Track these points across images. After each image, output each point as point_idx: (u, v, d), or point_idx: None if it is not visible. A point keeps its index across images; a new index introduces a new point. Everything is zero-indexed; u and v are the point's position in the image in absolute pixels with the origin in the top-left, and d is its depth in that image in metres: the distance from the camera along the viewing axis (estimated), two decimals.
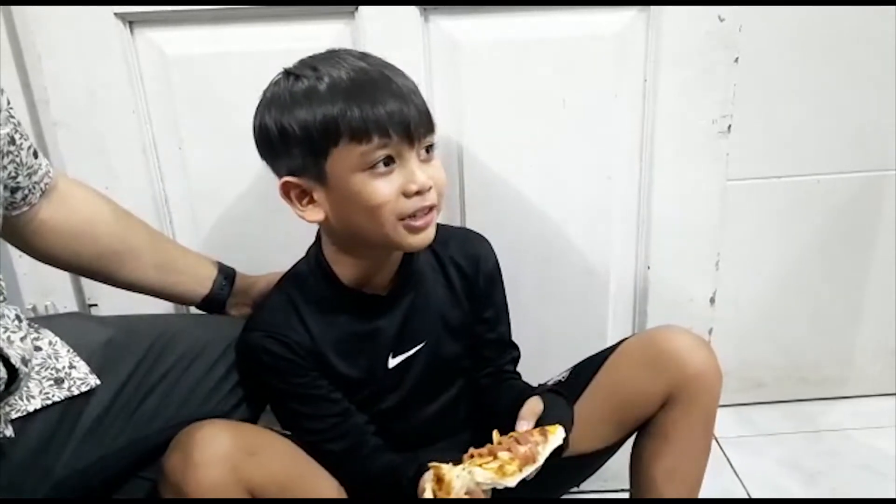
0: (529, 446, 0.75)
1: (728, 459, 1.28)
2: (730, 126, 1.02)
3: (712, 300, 1.12)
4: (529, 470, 0.74)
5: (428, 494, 0.74)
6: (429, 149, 0.79)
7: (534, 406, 0.82)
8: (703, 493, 0.93)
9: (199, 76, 0.97)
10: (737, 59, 0.99)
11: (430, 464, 0.75)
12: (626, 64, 1.00)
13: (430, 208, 0.79)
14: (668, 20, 0.97)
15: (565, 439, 0.77)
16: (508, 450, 0.75)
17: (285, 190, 0.79)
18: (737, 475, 1.25)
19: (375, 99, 0.74)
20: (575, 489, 1.03)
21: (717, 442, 1.33)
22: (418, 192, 0.77)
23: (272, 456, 0.79)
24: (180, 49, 0.96)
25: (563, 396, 0.86)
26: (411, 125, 0.76)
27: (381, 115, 0.74)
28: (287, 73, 0.78)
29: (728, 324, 1.29)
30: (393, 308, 0.88)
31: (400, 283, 0.87)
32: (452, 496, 0.71)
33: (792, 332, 1.38)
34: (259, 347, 0.82)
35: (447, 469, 0.73)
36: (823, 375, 1.41)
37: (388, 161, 0.76)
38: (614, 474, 1.07)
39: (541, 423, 0.80)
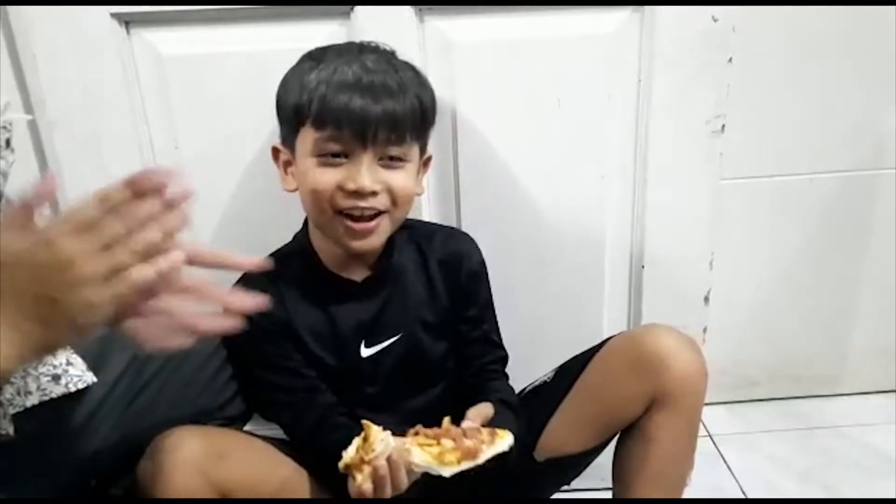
0: (474, 442, 0.76)
1: (722, 456, 1.29)
2: (723, 126, 1.02)
3: (706, 299, 1.13)
4: (467, 465, 0.74)
5: (350, 451, 0.74)
6: (393, 158, 0.81)
7: (484, 409, 0.84)
8: (698, 490, 0.93)
9: (195, 76, 0.97)
10: (730, 60, 1.00)
11: (364, 421, 0.75)
12: (619, 64, 1.00)
13: (374, 214, 0.81)
14: (661, 20, 0.98)
15: (511, 448, 0.78)
16: (454, 439, 0.76)
17: (274, 154, 0.87)
18: (731, 472, 1.26)
19: (349, 93, 0.78)
20: (566, 487, 1.03)
21: (712, 439, 1.33)
22: (357, 192, 0.79)
23: (242, 457, 0.80)
24: (176, 49, 0.96)
25: (515, 412, 0.88)
26: (368, 128, 0.78)
27: (342, 110, 0.78)
28: (304, 55, 0.85)
29: (722, 322, 1.29)
30: (369, 297, 0.89)
31: (378, 274, 0.89)
32: (369, 457, 0.73)
33: (785, 330, 1.39)
34: None
35: (375, 430, 0.74)
36: (816, 373, 1.42)
37: (340, 155, 0.80)
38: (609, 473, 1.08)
39: (490, 426, 0.81)
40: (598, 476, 1.05)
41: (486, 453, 0.76)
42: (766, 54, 1.18)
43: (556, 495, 1.04)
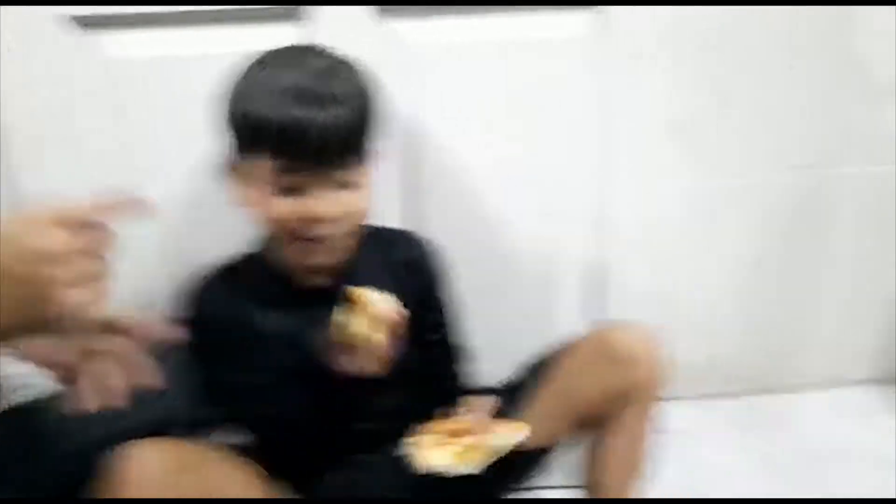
0: (492, 435, 0.77)
1: (691, 453, 1.30)
2: (688, 126, 1.03)
3: (672, 296, 1.14)
4: (489, 460, 0.75)
5: (353, 321, 0.75)
6: (350, 183, 0.81)
7: (488, 402, 0.85)
8: (668, 488, 0.94)
9: (146, 79, 0.96)
10: (695, 59, 1.00)
11: (347, 288, 0.77)
12: (583, 65, 1.00)
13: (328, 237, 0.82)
14: (625, 21, 0.98)
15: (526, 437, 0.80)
16: (472, 433, 0.77)
17: (221, 165, 0.85)
18: (701, 468, 1.26)
19: (305, 122, 0.76)
20: (555, 484, 1.04)
21: (680, 435, 1.34)
22: (314, 220, 0.80)
23: (205, 469, 0.79)
24: (128, 52, 0.95)
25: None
26: (323, 158, 0.78)
27: (297, 141, 0.77)
28: (251, 65, 0.81)
29: (692, 318, 1.30)
30: (333, 301, 0.88)
31: (341, 278, 0.89)
32: (374, 309, 0.74)
33: (755, 325, 1.40)
34: (198, 297, 0.87)
35: (362, 290, 0.75)
36: (787, 367, 1.44)
37: (296, 188, 0.79)
38: None
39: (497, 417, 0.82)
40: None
41: (505, 445, 0.77)
42: (743, 54, 1.18)
43: (546, 494, 1.04)
